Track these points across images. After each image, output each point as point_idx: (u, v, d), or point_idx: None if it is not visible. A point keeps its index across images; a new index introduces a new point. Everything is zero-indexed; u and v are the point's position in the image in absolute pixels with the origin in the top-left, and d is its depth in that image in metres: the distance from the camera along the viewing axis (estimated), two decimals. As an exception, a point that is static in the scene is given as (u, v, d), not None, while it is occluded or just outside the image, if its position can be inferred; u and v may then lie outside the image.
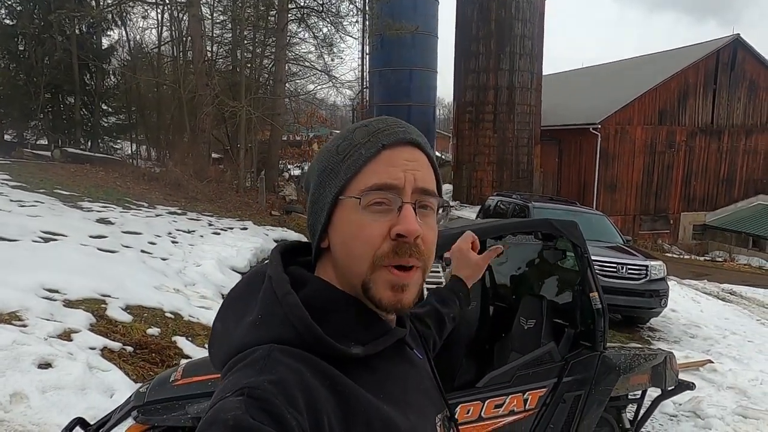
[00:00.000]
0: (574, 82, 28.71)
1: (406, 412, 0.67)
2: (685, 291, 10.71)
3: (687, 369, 5.66)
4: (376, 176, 0.67)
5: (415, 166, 0.69)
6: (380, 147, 0.68)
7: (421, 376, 0.77)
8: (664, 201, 23.09)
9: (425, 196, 0.69)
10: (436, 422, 0.76)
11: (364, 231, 0.66)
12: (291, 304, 0.64)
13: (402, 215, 0.66)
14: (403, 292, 0.67)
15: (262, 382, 0.56)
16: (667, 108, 22.38)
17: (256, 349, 0.62)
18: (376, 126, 0.71)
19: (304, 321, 0.63)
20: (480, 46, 23.51)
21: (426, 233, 0.68)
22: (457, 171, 25.25)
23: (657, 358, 2.58)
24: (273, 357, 0.60)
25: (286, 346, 0.62)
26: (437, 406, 0.78)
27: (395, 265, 0.66)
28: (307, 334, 0.62)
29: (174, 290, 5.68)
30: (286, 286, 0.66)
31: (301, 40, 19.12)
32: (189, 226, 9.51)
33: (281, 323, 0.64)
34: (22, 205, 8.05)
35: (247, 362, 0.60)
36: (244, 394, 0.54)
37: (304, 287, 0.68)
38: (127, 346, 4.08)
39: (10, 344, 3.30)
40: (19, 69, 19.01)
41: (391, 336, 0.70)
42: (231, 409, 0.53)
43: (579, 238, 2.37)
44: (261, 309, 0.66)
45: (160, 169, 16.58)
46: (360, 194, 0.66)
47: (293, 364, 0.60)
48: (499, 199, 10.19)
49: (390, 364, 0.70)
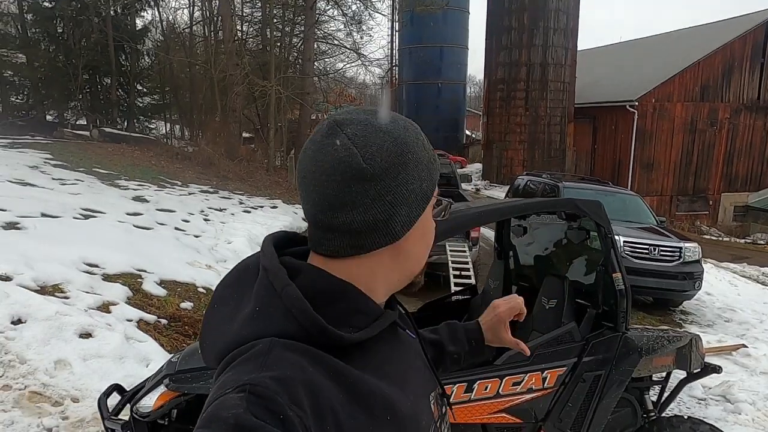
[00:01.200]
0: (610, 57, 27.65)
1: (406, 392, 0.68)
2: (722, 274, 10.38)
3: (720, 353, 5.54)
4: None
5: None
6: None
7: (413, 355, 0.78)
8: (704, 181, 22.24)
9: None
10: (430, 400, 0.77)
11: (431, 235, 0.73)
12: (292, 297, 0.62)
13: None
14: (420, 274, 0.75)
15: (264, 379, 0.54)
16: (710, 83, 21.37)
17: (256, 343, 0.59)
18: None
19: (307, 313, 0.61)
20: (513, 21, 22.86)
21: None
22: (487, 150, 24.88)
23: (682, 341, 2.55)
24: (275, 352, 0.58)
25: (287, 340, 0.60)
26: (430, 384, 0.79)
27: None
28: (310, 326, 0.60)
29: (206, 266, 5.86)
30: (285, 278, 0.64)
31: (330, 17, 19.01)
32: (221, 205, 9.75)
33: (282, 316, 0.61)
34: (63, 183, 8.40)
35: (248, 357, 0.58)
36: (245, 391, 0.52)
37: (298, 276, 0.66)
38: (161, 318, 4.27)
39: (54, 315, 3.50)
40: (59, 51, 19.58)
41: (386, 319, 0.70)
42: (232, 406, 0.51)
43: (603, 218, 2.34)
44: (257, 302, 0.64)
45: (193, 148, 16.94)
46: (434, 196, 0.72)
47: (296, 359, 0.58)
48: (529, 179, 10.03)
49: (387, 346, 0.70)
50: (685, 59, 21.45)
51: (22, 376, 2.99)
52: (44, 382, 2.99)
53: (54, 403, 2.89)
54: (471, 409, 2.07)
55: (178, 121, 26.04)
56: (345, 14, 17.74)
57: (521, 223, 3.20)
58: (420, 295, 6.04)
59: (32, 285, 3.95)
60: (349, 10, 17.72)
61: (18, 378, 2.98)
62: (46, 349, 3.21)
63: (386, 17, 24.67)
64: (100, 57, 19.38)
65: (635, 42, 28.65)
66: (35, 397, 2.90)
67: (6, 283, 3.80)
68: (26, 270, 4.12)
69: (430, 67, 31.55)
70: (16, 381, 2.96)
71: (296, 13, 17.96)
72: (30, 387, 2.94)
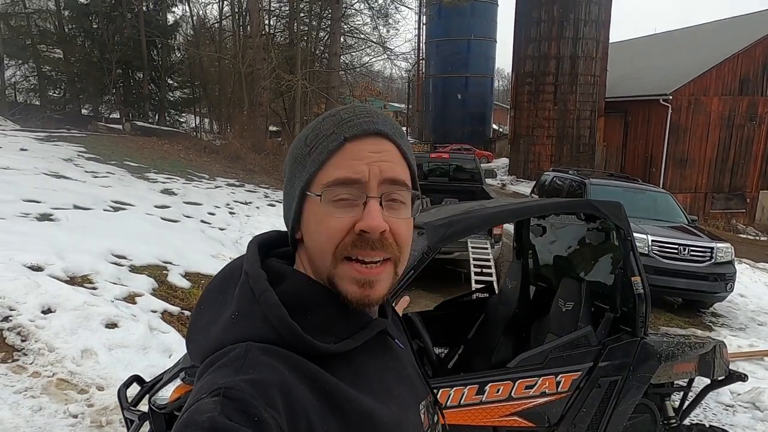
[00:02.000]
0: (643, 50, 26.81)
1: (388, 403, 0.67)
2: (758, 275, 10.01)
3: (750, 358, 5.35)
4: (338, 170, 0.65)
5: (381, 158, 0.66)
6: (342, 140, 0.66)
7: (403, 364, 0.76)
8: (741, 178, 21.42)
9: (394, 187, 0.66)
10: (420, 409, 0.74)
11: (326, 225, 0.65)
12: (269, 303, 0.63)
13: (366, 210, 0.64)
14: (372, 288, 0.66)
15: (238, 383, 0.54)
16: (749, 77, 20.51)
17: (234, 347, 0.60)
18: (341, 116, 0.68)
19: (283, 320, 0.62)
20: (542, 13, 22.39)
21: (396, 227, 0.66)
22: (514, 145, 24.53)
23: (705, 347, 2.47)
24: (250, 356, 0.58)
25: (264, 345, 0.60)
26: (420, 394, 0.77)
27: (356, 258, 0.65)
28: (286, 333, 0.61)
29: (230, 259, 5.94)
30: (264, 283, 0.65)
31: (357, 11, 19.02)
32: (246, 198, 9.90)
33: (260, 321, 0.62)
34: (95, 176, 8.66)
35: (224, 362, 0.59)
36: (219, 395, 0.53)
37: (283, 282, 0.67)
38: (185, 310, 4.37)
39: (82, 305, 3.62)
40: (94, 46, 20.13)
41: (371, 329, 0.69)
42: (206, 410, 0.51)
43: (622, 220, 2.28)
44: (237, 306, 0.65)
45: (221, 142, 17.22)
46: (322, 190, 0.65)
47: (271, 362, 0.58)
48: (555, 175, 9.85)
49: (370, 356, 0.69)
50: (724, 51, 20.63)
51: (51, 364, 3.11)
52: (71, 370, 3.11)
53: (80, 391, 3.00)
54: (482, 411, 2.06)
55: (207, 115, 26.51)
56: (371, 8, 17.72)
57: (541, 222, 3.14)
58: (440, 293, 6.02)
59: (62, 275, 4.09)
60: (375, 3, 17.68)
61: (47, 365, 3.10)
62: (73, 338, 3.33)
63: (413, 10, 24.55)
64: (132, 52, 19.85)
65: (670, 34, 27.74)
66: (62, 384, 3.01)
67: (37, 274, 3.95)
68: (57, 260, 4.26)
69: (458, 61, 31.21)
70: (44, 368, 3.08)
71: (323, 7, 18.02)
72: (58, 375, 3.06)
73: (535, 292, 3.13)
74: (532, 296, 3.11)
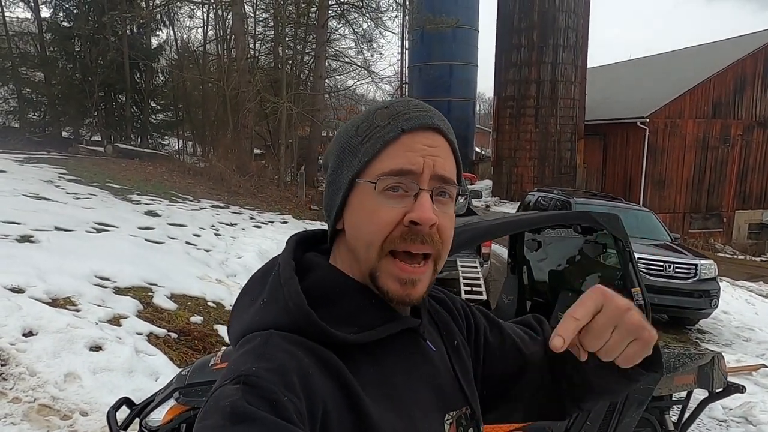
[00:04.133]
0: (621, 74, 27.67)
1: (406, 407, 0.65)
2: (738, 292, 10.19)
3: (739, 373, 5.40)
4: (394, 161, 0.65)
5: (435, 152, 0.66)
6: (400, 131, 0.66)
7: (437, 369, 0.73)
8: (717, 198, 21.99)
9: (444, 184, 0.67)
10: (445, 420, 0.71)
11: (377, 215, 0.65)
12: (290, 291, 0.64)
13: (418, 202, 0.64)
14: (414, 287, 0.66)
15: (259, 370, 0.56)
16: (722, 100, 21.26)
17: (257, 334, 0.63)
18: (397, 108, 0.68)
19: (301, 307, 0.63)
20: (522, 39, 23.00)
21: (443, 222, 0.66)
22: (497, 166, 24.85)
23: (704, 358, 2.47)
24: (271, 343, 0.60)
25: (286, 333, 0.62)
26: (451, 403, 0.73)
27: (404, 250, 0.64)
28: (302, 321, 0.62)
29: (216, 281, 5.85)
30: (290, 272, 0.67)
31: (341, 36, 19.30)
32: (231, 219, 9.78)
33: (283, 309, 0.64)
34: (77, 197, 8.49)
35: (247, 349, 0.61)
36: (240, 382, 0.55)
37: (313, 273, 0.69)
38: (171, 332, 4.25)
39: (65, 327, 3.49)
40: (76, 69, 20.02)
41: (397, 324, 0.68)
42: (228, 396, 0.54)
43: (620, 232, 2.29)
44: (266, 294, 0.67)
45: (205, 164, 17.12)
46: (376, 178, 0.65)
47: (292, 350, 0.60)
48: (540, 195, 9.98)
49: (398, 355, 0.68)
50: (697, 76, 21.40)
51: (32, 389, 2.97)
52: (54, 395, 2.97)
53: (63, 417, 2.87)
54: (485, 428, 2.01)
55: (191, 138, 26.38)
56: (356, 32, 18.00)
57: (535, 237, 3.15)
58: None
59: (44, 297, 3.95)
60: (359, 28, 17.98)
61: (28, 390, 2.96)
62: (56, 362, 3.20)
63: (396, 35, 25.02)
64: (115, 75, 19.77)
65: (646, 59, 28.69)
66: (44, 410, 2.88)
67: (18, 296, 3.81)
68: (39, 282, 4.13)
69: (440, 85, 31.73)
70: (26, 393, 2.94)
71: (308, 32, 18.24)
72: (39, 400, 2.92)
73: (532, 306, 3.11)
74: (528, 310, 3.10)
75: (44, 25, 19.86)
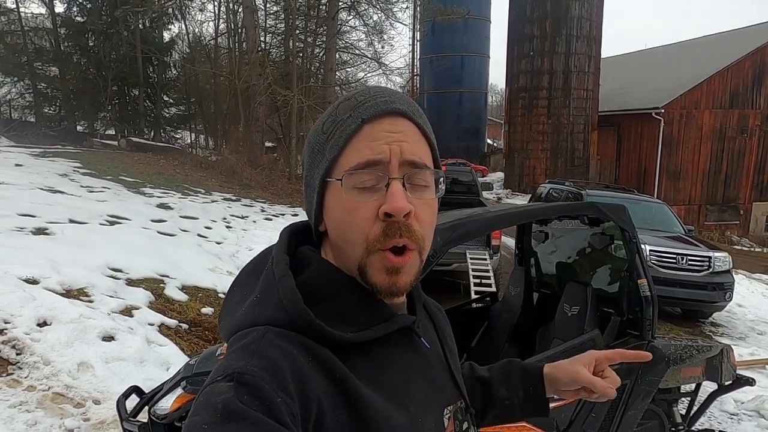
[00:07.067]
0: (635, 64, 27.21)
1: (406, 404, 0.65)
2: (754, 285, 10.03)
3: (752, 367, 5.33)
4: (358, 154, 0.63)
5: (400, 137, 0.63)
6: (360, 122, 0.63)
7: (431, 365, 0.73)
8: (734, 190, 21.60)
9: (416, 169, 0.63)
10: (444, 414, 0.71)
11: (352, 214, 0.63)
12: (285, 287, 0.62)
13: (389, 192, 0.61)
14: (398, 274, 0.63)
15: (252, 368, 0.55)
16: (739, 90, 20.81)
17: (252, 330, 0.61)
18: (358, 99, 0.66)
19: (296, 305, 0.61)
20: (534, 29, 22.71)
21: (419, 210, 0.63)
22: (509, 158, 24.67)
23: (712, 351, 2.44)
24: (266, 340, 0.59)
25: (281, 329, 0.60)
26: (448, 398, 0.74)
27: (389, 248, 0.62)
28: (298, 319, 0.61)
29: (227, 272, 5.91)
30: (284, 268, 0.65)
31: (352, 28, 19.19)
32: (242, 212, 9.85)
33: (277, 305, 0.62)
34: (91, 190, 8.61)
35: (241, 345, 0.59)
36: (234, 380, 0.54)
37: (307, 269, 0.67)
38: (182, 323, 4.31)
39: (78, 318, 3.56)
40: (89, 63, 20.21)
41: (393, 323, 0.66)
42: (220, 393, 0.53)
43: (627, 223, 2.27)
44: (260, 289, 0.66)
45: (217, 157, 17.22)
46: (343, 175, 0.63)
47: (286, 347, 0.58)
48: (552, 187, 9.89)
49: (393, 352, 0.67)
50: (714, 65, 20.97)
51: (46, 378, 3.04)
52: (67, 384, 3.04)
53: (76, 405, 2.93)
54: None
55: (203, 131, 26.54)
56: (366, 24, 17.88)
57: (543, 228, 3.13)
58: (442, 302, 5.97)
59: (58, 288, 4.03)
60: (370, 20, 17.85)
61: (42, 379, 3.03)
62: (69, 352, 3.26)
63: (407, 27, 24.84)
64: (128, 69, 19.94)
65: (661, 49, 28.19)
66: (58, 398, 2.94)
67: (33, 287, 3.89)
68: (53, 274, 4.21)
69: (452, 76, 31.50)
70: (40, 382, 3.01)
71: (318, 24, 18.20)
72: (53, 388, 2.99)
73: (539, 298, 3.10)
74: (535, 302, 3.09)
75: (58, 20, 20.06)
